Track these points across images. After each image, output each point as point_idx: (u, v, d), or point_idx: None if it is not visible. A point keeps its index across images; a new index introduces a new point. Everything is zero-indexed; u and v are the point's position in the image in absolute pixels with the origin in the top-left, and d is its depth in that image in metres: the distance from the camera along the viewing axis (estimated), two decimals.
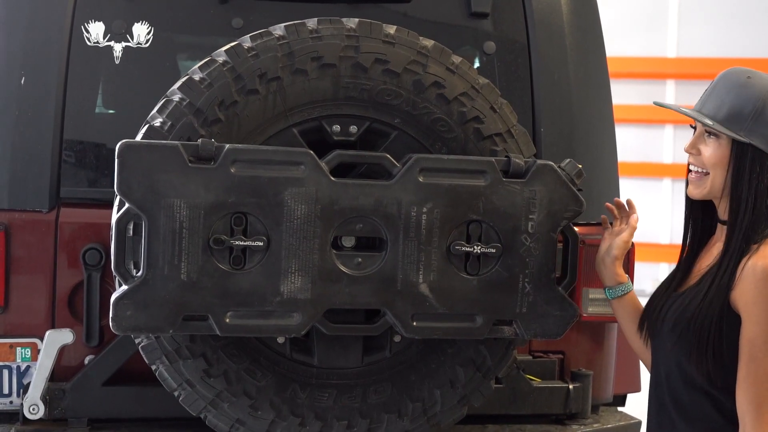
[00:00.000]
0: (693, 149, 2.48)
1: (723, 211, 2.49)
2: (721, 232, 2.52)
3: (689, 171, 2.51)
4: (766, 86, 2.42)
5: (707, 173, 2.46)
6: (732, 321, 2.38)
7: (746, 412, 2.34)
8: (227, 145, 2.44)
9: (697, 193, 2.49)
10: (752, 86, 2.42)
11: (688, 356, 2.42)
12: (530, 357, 3.15)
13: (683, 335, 2.43)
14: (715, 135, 2.43)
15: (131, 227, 2.44)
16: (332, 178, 2.48)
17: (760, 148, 2.39)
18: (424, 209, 2.53)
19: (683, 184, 2.56)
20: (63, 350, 2.85)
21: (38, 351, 2.86)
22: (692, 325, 2.41)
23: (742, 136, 2.39)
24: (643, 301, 2.64)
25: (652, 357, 2.58)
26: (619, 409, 3.42)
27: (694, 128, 2.50)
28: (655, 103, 2.66)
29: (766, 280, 2.33)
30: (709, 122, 2.41)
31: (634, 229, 2.67)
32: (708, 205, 2.54)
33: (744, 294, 2.36)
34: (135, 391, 2.89)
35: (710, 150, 2.44)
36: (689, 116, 2.46)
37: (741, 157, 2.41)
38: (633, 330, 2.64)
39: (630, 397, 3.50)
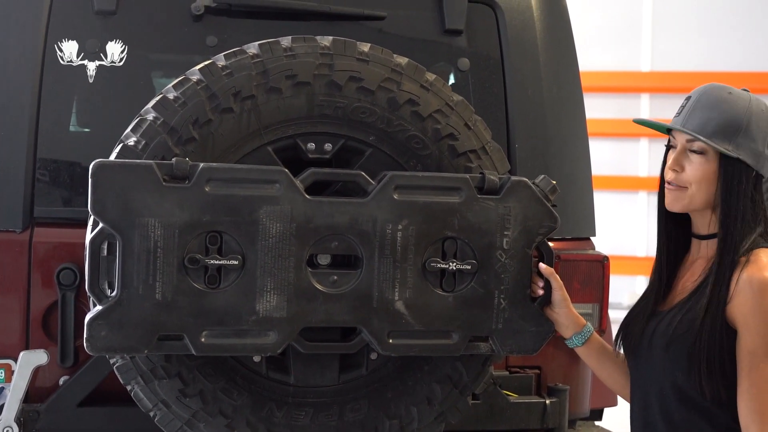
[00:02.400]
0: (677, 166, 2.46)
1: (702, 225, 2.49)
2: (698, 246, 2.52)
3: (665, 184, 2.50)
4: (747, 100, 2.43)
5: (685, 188, 2.45)
6: (729, 335, 2.38)
7: (751, 422, 2.33)
8: (202, 164, 2.43)
9: (678, 206, 2.48)
10: (736, 101, 2.43)
11: (687, 373, 2.40)
12: (507, 372, 3.15)
13: (679, 353, 2.42)
14: (701, 152, 2.43)
15: (105, 247, 2.43)
16: (307, 196, 2.48)
17: (747, 162, 2.41)
18: (400, 226, 2.53)
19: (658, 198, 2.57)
20: (37, 371, 2.83)
21: (12, 372, 2.83)
22: (689, 341, 2.40)
23: (731, 150, 2.40)
24: (622, 315, 2.64)
25: (635, 379, 2.56)
26: (596, 423, 3.42)
27: (669, 145, 2.50)
28: (635, 120, 2.64)
29: (763, 292, 2.34)
30: (705, 139, 2.41)
31: (555, 277, 2.64)
32: (681, 220, 2.55)
33: (741, 306, 2.36)
34: (110, 412, 2.87)
35: (696, 166, 2.44)
36: (685, 133, 2.43)
37: (730, 171, 2.41)
38: (608, 365, 2.65)
39: (607, 411, 3.50)
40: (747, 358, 2.35)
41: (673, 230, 2.57)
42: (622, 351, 2.62)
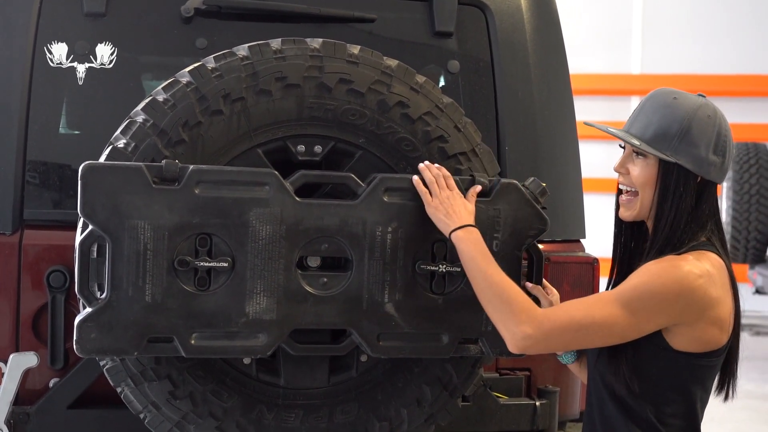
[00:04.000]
0: (622, 168, 2.50)
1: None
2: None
3: (620, 192, 2.53)
4: (691, 107, 2.44)
5: (637, 193, 2.48)
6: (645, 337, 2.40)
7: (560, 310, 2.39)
8: (191, 166, 2.43)
9: (628, 215, 2.51)
10: (678, 107, 2.45)
11: (608, 369, 2.44)
12: (497, 374, 3.15)
13: (603, 349, 2.46)
14: (643, 155, 2.46)
15: (95, 249, 2.43)
16: (297, 199, 2.49)
17: (686, 167, 2.42)
18: (389, 229, 2.53)
19: None
20: (27, 373, 2.82)
21: (2, 374, 2.83)
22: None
23: (668, 155, 2.42)
24: None
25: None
26: None
27: (623, 148, 2.53)
28: (585, 123, 2.68)
29: (658, 264, 2.37)
30: (636, 142, 2.44)
31: (546, 295, 2.68)
32: (637, 228, 2.57)
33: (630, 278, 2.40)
34: (100, 414, 2.87)
35: (638, 169, 2.47)
36: (616, 136, 2.49)
37: (667, 176, 2.44)
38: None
39: None
40: (602, 293, 2.40)
41: (630, 236, 2.58)
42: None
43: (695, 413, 2.44)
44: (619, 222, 2.57)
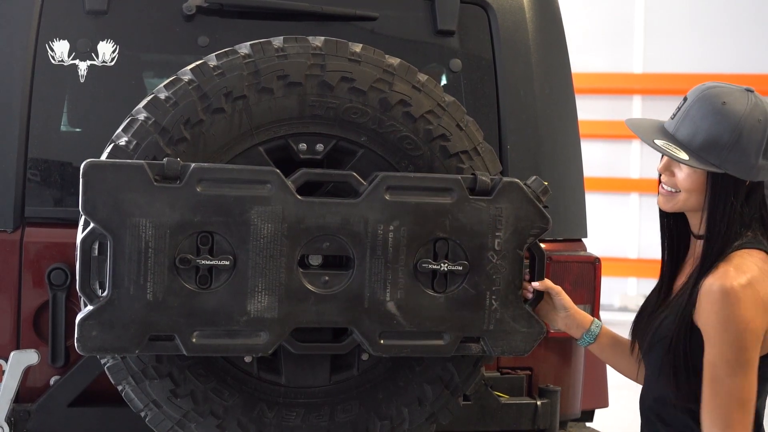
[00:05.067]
0: (666, 171, 2.47)
1: (695, 225, 2.50)
2: (694, 246, 2.53)
3: (660, 184, 2.51)
4: (741, 113, 2.39)
5: (678, 191, 2.46)
6: (699, 339, 2.39)
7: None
8: (193, 164, 2.43)
9: (669, 207, 2.50)
10: (728, 114, 2.39)
11: (667, 376, 2.43)
12: (498, 373, 3.15)
13: (658, 355, 2.45)
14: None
15: (96, 247, 2.43)
16: (298, 197, 2.48)
17: (735, 175, 2.39)
18: (391, 227, 2.53)
19: (651, 199, 2.59)
20: (28, 371, 2.82)
21: (2, 372, 2.83)
22: (664, 345, 2.43)
23: (717, 166, 2.39)
24: (615, 317, 2.65)
25: (644, 374, 2.60)
26: (587, 424, 3.43)
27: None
28: (627, 121, 2.62)
29: (721, 302, 2.33)
30: (684, 157, 2.39)
31: (551, 286, 2.67)
32: (681, 218, 2.55)
33: (702, 315, 2.37)
34: (101, 412, 2.87)
35: (684, 175, 2.44)
36: (663, 153, 2.43)
37: (717, 185, 2.41)
38: (623, 358, 2.67)
39: (598, 412, 3.51)
40: (708, 367, 2.36)
41: (674, 228, 2.57)
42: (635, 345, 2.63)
43: (760, 412, 2.44)
44: (662, 212, 2.55)
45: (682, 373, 2.39)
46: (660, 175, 2.51)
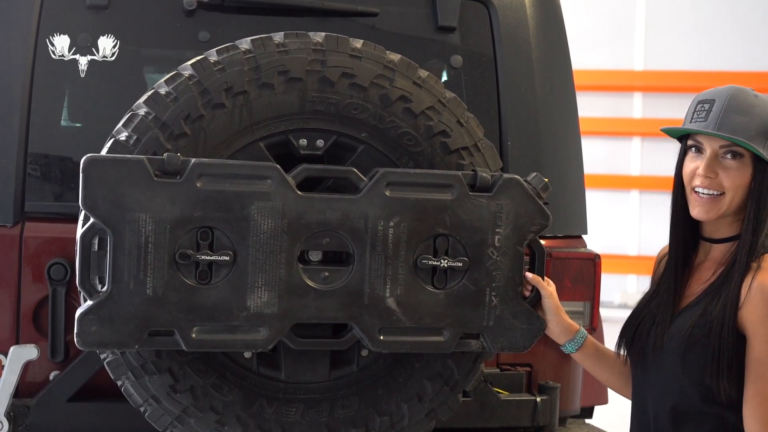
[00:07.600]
0: (711, 173, 2.41)
1: (717, 230, 2.48)
2: (706, 249, 2.51)
3: (693, 194, 2.44)
4: None
5: (722, 194, 2.41)
6: (741, 340, 2.38)
7: (755, 430, 2.34)
8: (193, 160, 2.43)
9: (713, 214, 2.43)
10: (763, 105, 2.40)
11: (708, 376, 2.40)
12: (498, 370, 3.15)
13: (697, 357, 2.41)
14: (740, 155, 2.39)
15: (96, 242, 2.43)
16: (299, 193, 2.48)
17: None
18: (391, 223, 2.53)
19: (651, 196, 2.57)
20: (27, 366, 2.82)
21: (2, 367, 2.83)
22: (711, 345, 2.39)
23: (765, 154, 2.38)
24: (613, 313, 2.64)
25: (640, 383, 2.56)
26: (587, 421, 3.43)
27: (687, 148, 2.46)
28: (663, 129, 2.54)
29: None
30: (747, 142, 2.36)
31: (543, 285, 2.64)
32: (694, 224, 2.52)
33: (752, 314, 2.36)
34: (100, 407, 2.87)
35: (733, 171, 2.40)
36: (734, 141, 2.37)
37: (763, 174, 2.39)
38: (606, 369, 2.65)
39: (597, 409, 3.51)
40: (754, 365, 2.35)
41: (689, 234, 2.54)
42: (623, 353, 2.60)
43: None
44: (680, 219, 2.51)
45: (724, 372, 2.37)
46: (679, 184, 2.47)
